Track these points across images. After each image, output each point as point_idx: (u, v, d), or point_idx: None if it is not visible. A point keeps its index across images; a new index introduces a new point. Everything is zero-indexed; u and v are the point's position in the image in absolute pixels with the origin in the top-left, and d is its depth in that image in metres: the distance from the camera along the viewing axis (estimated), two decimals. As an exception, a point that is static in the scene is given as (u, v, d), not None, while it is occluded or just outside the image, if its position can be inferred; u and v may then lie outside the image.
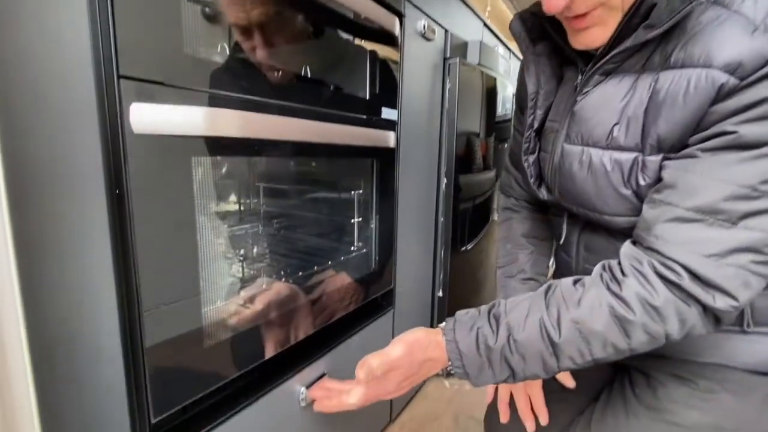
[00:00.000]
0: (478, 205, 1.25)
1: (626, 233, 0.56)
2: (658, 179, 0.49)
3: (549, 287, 0.52)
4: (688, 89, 0.42)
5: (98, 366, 0.39)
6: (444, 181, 1.04)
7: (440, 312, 1.10)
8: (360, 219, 0.82)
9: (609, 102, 0.52)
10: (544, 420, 0.73)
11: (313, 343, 0.69)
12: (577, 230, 0.67)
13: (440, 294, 1.09)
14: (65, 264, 0.35)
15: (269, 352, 0.58)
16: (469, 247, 1.19)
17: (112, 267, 0.38)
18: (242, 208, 0.79)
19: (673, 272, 0.43)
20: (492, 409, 0.85)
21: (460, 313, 0.55)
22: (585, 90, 0.56)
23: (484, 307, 0.54)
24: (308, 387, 0.64)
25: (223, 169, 0.57)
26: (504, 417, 0.79)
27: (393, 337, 0.72)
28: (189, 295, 0.45)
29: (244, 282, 0.63)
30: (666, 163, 0.48)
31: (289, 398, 0.62)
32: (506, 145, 1.28)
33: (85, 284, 0.37)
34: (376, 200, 0.81)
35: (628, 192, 0.53)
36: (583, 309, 0.46)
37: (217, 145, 0.45)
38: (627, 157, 0.51)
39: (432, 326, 1.13)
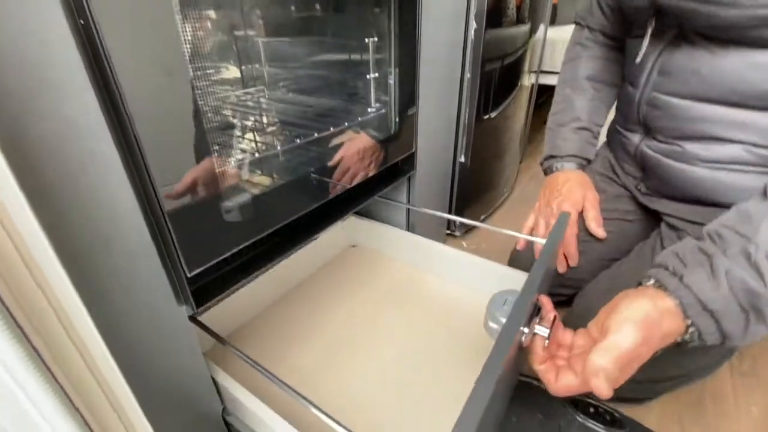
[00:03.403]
0: (506, 67, 1.08)
1: (729, 37, 0.45)
2: None
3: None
4: None
5: (124, 232, 0.38)
6: (473, 25, 0.88)
7: (462, 177, 1.08)
8: (376, 75, 0.72)
9: None
10: (573, 262, 0.73)
11: (334, 207, 0.69)
12: (657, 50, 0.57)
13: (462, 159, 1.05)
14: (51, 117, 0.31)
15: (291, 215, 0.58)
16: (492, 115, 1.09)
17: (102, 114, 0.33)
18: (242, 69, 0.69)
19: None
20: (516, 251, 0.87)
21: (669, 259, 0.42)
22: None
23: (699, 242, 0.42)
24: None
25: (210, 14, 0.47)
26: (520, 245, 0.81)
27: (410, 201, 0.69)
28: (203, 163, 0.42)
29: (259, 150, 0.59)
30: None
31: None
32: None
33: (78, 139, 0.33)
34: (394, 51, 0.69)
35: None
36: None
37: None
38: None
39: (452, 190, 1.11)
